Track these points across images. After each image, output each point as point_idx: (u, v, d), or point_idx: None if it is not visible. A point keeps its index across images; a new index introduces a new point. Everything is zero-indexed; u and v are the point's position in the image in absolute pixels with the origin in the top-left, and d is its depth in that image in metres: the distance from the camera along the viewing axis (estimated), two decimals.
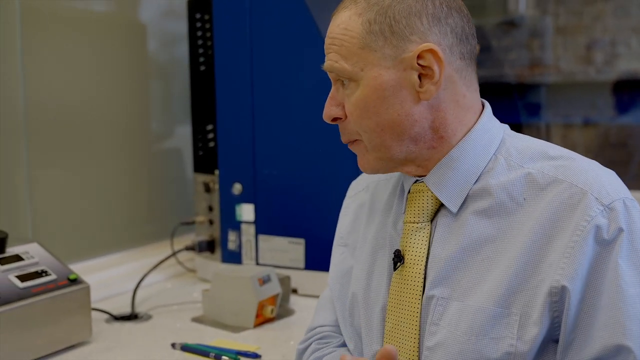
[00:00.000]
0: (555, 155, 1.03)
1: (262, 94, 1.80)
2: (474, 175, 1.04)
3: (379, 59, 1.01)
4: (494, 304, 0.97)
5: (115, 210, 2.05)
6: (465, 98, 1.04)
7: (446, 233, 1.05)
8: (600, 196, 0.96)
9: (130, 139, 2.11)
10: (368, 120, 1.03)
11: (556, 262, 0.95)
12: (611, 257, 0.94)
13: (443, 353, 1.00)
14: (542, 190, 1.00)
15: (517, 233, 0.99)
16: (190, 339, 1.49)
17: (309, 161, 1.75)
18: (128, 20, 2.15)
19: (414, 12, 1.00)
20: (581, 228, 0.95)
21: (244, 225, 1.85)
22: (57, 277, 1.43)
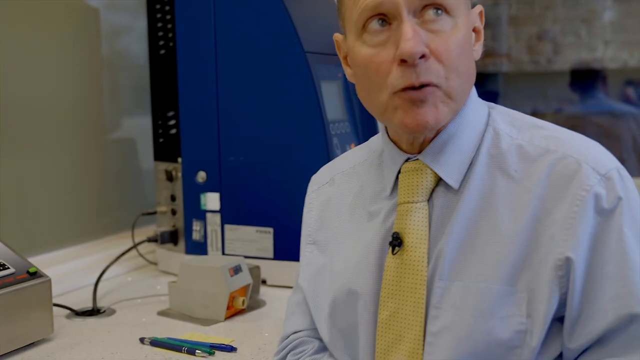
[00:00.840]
0: (543, 125, 1.00)
1: (227, 77, 1.73)
2: (473, 149, 1.00)
3: (466, 5, 0.97)
4: (500, 283, 0.94)
5: (74, 201, 1.97)
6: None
7: (446, 211, 1.00)
8: (596, 166, 0.94)
9: (86, 129, 2.03)
10: (466, 62, 0.96)
11: (558, 234, 0.92)
12: (613, 225, 0.92)
13: (450, 337, 0.95)
14: (534, 161, 0.97)
15: (514, 207, 0.96)
16: (158, 333, 1.42)
17: (276, 147, 1.70)
18: (79, 7, 2.05)
19: None
20: (580, 198, 0.92)
21: (209, 215, 1.78)
22: (15, 271, 1.35)
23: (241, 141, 1.73)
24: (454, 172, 1.00)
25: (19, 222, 1.80)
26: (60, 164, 1.93)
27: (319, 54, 1.71)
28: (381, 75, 0.95)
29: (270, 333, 1.43)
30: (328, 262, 1.11)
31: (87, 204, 2.03)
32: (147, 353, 1.33)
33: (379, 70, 0.95)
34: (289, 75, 1.67)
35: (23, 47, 1.82)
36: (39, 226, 1.86)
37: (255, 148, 1.72)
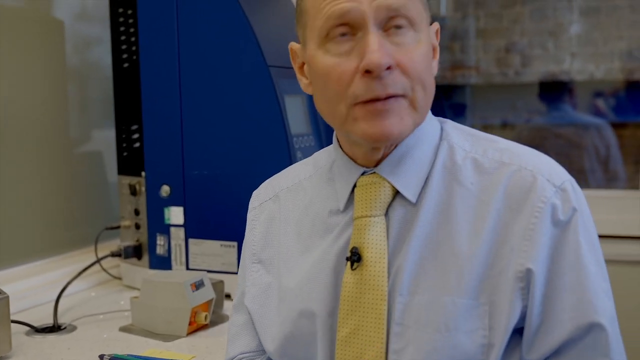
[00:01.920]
0: (495, 139, 1.02)
1: (190, 91, 1.72)
2: (429, 162, 1.00)
3: (427, 20, 0.99)
4: (464, 296, 0.93)
5: (34, 216, 1.93)
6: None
7: (404, 226, 0.99)
8: (551, 178, 0.95)
9: (47, 143, 2.00)
10: (429, 76, 0.97)
11: (517, 246, 0.93)
12: (570, 236, 0.93)
13: (414, 353, 0.94)
14: (490, 174, 0.97)
15: (472, 220, 0.96)
16: (119, 349, 1.40)
17: (240, 161, 1.69)
18: (44, 18, 2.03)
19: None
20: (538, 209, 0.93)
21: (173, 229, 1.77)
22: None
23: (205, 155, 1.72)
24: (412, 186, 0.99)
25: None
26: (23, 177, 1.90)
27: (283, 67, 1.71)
28: (342, 85, 0.94)
29: None
30: (275, 281, 1.09)
31: (51, 218, 2.00)
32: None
33: (340, 80, 0.94)
34: (252, 89, 1.66)
35: None
36: (2, 242, 1.83)
37: (220, 162, 1.71)
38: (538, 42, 4.04)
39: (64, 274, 1.81)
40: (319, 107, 1.01)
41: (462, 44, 3.97)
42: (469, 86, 3.97)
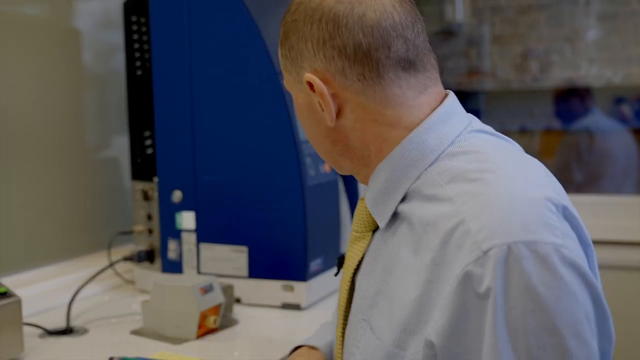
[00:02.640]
0: (474, 177, 0.88)
1: (202, 98, 1.74)
2: (399, 191, 0.96)
3: (292, 80, 1.02)
4: (392, 344, 0.91)
5: (50, 221, 1.97)
6: (384, 116, 0.95)
7: (376, 248, 1.00)
8: (481, 239, 0.81)
9: (64, 149, 2.03)
10: (306, 135, 1.05)
11: (431, 311, 0.85)
12: (483, 312, 0.80)
13: None
14: (436, 223, 0.88)
15: (417, 266, 0.89)
16: (129, 352, 1.42)
17: (250, 167, 1.71)
18: (63, 27, 2.07)
19: (302, 37, 0.97)
20: (454, 276, 0.82)
21: (185, 234, 1.79)
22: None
23: (216, 161, 1.74)
24: (380, 213, 0.99)
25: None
26: (39, 182, 1.93)
27: None
28: None
29: (241, 352, 1.44)
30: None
31: (67, 223, 2.03)
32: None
33: None
34: (261, 96, 1.68)
35: (3, 67, 1.83)
36: (17, 246, 1.86)
37: (230, 167, 1.73)
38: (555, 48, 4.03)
39: (78, 278, 1.82)
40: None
41: (478, 50, 3.97)
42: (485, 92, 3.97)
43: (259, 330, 1.56)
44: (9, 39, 1.86)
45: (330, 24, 0.94)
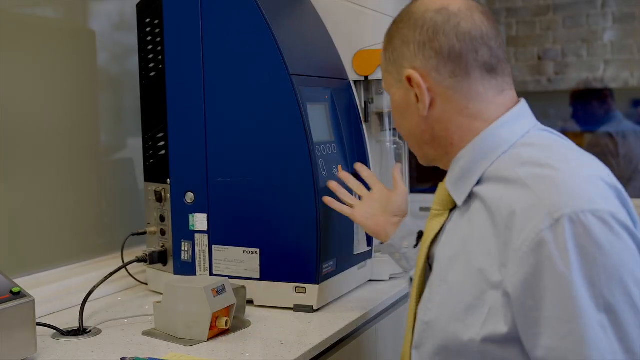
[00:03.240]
0: (544, 163, 1.07)
1: (215, 100, 1.75)
2: (475, 174, 1.15)
3: (393, 80, 1.24)
4: (472, 296, 1.09)
5: (64, 222, 1.97)
6: (468, 109, 1.16)
7: (455, 223, 1.20)
8: (552, 210, 1.00)
9: (78, 150, 2.04)
10: (399, 130, 1.31)
11: (509, 267, 1.03)
12: (552, 271, 0.98)
13: (433, 329, 1.16)
14: (510, 195, 1.07)
15: (492, 234, 1.08)
16: (141, 353, 1.43)
17: (262, 169, 1.71)
18: (78, 29, 2.08)
19: (405, 41, 1.19)
20: (529, 240, 1.00)
21: (197, 235, 1.79)
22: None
23: (229, 163, 1.74)
24: (458, 192, 1.19)
25: (12, 243, 1.81)
26: (53, 184, 1.94)
27: (305, 76, 1.72)
28: None
29: (252, 354, 1.44)
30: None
31: (81, 224, 2.04)
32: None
33: None
34: (274, 97, 1.68)
35: (19, 69, 1.84)
36: (31, 246, 1.87)
37: (243, 169, 1.73)
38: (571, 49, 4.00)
39: (91, 279, 1.83)
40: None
41: None
42: None
43: (270, 332, 1.56)
44: (24, 40, 1.87)
45: (430, 30, 1.16)
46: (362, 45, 1.93)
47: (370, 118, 1.98)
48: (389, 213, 1.61)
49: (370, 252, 1.94)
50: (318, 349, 1.49)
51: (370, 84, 1.97)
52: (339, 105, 1.85)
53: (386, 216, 1.61)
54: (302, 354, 1.43)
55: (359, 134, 1.91)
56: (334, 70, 1.90)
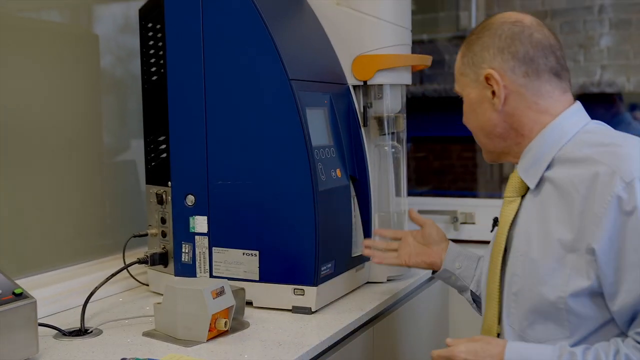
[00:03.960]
0: (607, 143, 1.31)
1: (215, 104, 1.75)
2: (545, 161, 1.36)
3: (468, 81, 1.44)
4: (553, 261, 1.29)
5: (66, 223, 1.97)
6: (537, 105, 1.37)
7: (529, 206, 1.39)
8: (624, 175, 1.21)
9: (82, 152, 2.04)
10: (470, 126, 1.48)
11: (590, 229, 1.23)
12: (630, 224, 1.20)
13: (521, 297, 1.36)
14: (580, 166, 1.29)
15: (568, 206, 1.29)
16: (141, 354, 1.43)
17: (262, 172, 1.71)
18: (82, 33, 2.08)
19: (485, 47, 1.39)
20: (607, 201, 1.22)
21: (198, 237, 1.79)
22: (1, 292, 1.35)
23: (228, 166, 1.74)
24: (530, 177, 1.38)
25: (14, 244, 1.81)
26: (56, 185, 1.94)
27: (305, 81, 1.73)
28: None
29: (250, 355, 1.44)
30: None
31: (83, 226, 2.04)
32: None
33: None
34: (274, 101, 1.68)
35: (25, 72, 1.84)
36: (34, 248, 1.88)
37: (242, 173, 1.73)
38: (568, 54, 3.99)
39: (93, 280, 1.83)
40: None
41: None
42: None
43: (269, 333, 1.56)
44: (30, 44, 1.87)
45: (508, 38, 1.37)
46: (361, 51, 1.94)
47: (369, 122, 1.98)
48: (432, 243, 1.75)
49: None
50: (316, 350, 1.49)
51: (369, 89, 1.97)
52: (337, 109, 1.85)
53: (432, 247, 1.75)
54: (300, 355, 1.43)
55: (358, 138, 1.91)
56: (333, 75, 1.90)
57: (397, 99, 2.02)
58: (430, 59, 2.05)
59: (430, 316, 2.25)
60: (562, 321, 1.29)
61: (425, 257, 1.74)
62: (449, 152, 3.94)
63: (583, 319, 1.28)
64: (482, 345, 1.32)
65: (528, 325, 1.35)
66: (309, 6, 1.96)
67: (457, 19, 3.97)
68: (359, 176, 1.90)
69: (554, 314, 1.30)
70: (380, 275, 1.99)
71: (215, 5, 1.73)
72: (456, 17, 3.97)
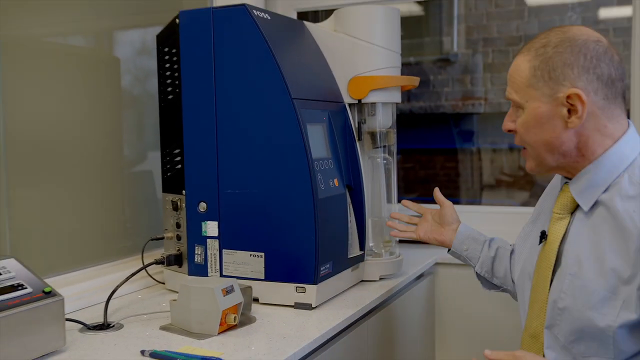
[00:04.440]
0: None
1: (225, 120, 1.75)
2: (603, 186, 1.25)
3: (539, 95, 1.25)
4: (606, 290, 1.20)
5: (91, 228, 1.97)
6: (606, 128, 1.25)
7: (579, 225, 1.28)
8: None
9: (105, 163, 2.04)
10: (529, 138, 1.29)
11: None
12: None
13: (568, 315, 1.25)
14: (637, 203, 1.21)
15: (622, 240, 1.20)
16: (158, 346, 1.42)
17: (267, 181, 1.70)
18: (105, 56, 2.08)
19: (568, 64, 1.22)
20: None
21: (209, 240, 1.78)
22: (32, 290, 1.35)
23: (237, 176, 1.74)
24: (586, 199, 1.27)
25: (41, 246, 1.81)
26: (80, 194, 1.93)
27: (306, 99, 1.73)
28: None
29: (257, 347, 1.43)
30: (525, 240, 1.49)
31: (106, 230, 2.03)
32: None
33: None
34: (278, 118, 1.68)
35: (54, 92, 1.84)
36: (62, 249, 1.87)
37: (250, 182, 1.72)
38: None
39: (115, 279, 1.83)
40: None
41: (472, 77, 3.96)
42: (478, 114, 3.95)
43: (274, 327, 1.56)
44: (60, 66, 1.87)
45: (594, 58, 1.22)
46: (356, 72, 1.94)
47: (363, 137, 1.98)
48: (446, 224, 1.73)
49: (363, 256, 1.94)
50: (316, 343, 1.49)
51: (363, 107, 1.97)
52: (335, 125, 1.85)
53: (445, 226, 1.73)
54: (302, 347, 1.42)
55: (353, 151, 1.91)
56: (331, 95, 1.90)
57: (388, 115, 2.02)
58: (418, 80, 2.05)
59: (418, 311, 2.24)
60: (607, 345, 1.21)
61: (437, 235, 1.73)
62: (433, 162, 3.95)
63: (625, 346, 1.20)
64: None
65: (574, 341, 1.25)
66: (309, 32, 1.96)
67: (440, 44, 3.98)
68: (354, 185, 1.90)
69: (600, 338, 1.21)
70: (373, 274, 1.98)
71: (225, 32, 1.73)
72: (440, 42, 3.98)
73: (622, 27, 3.63)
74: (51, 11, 1.86)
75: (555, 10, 3.83)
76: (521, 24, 3.90)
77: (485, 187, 3.62)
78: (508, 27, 3.90)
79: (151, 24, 2.20)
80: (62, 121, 1.88)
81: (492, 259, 1.66)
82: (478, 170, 3.68)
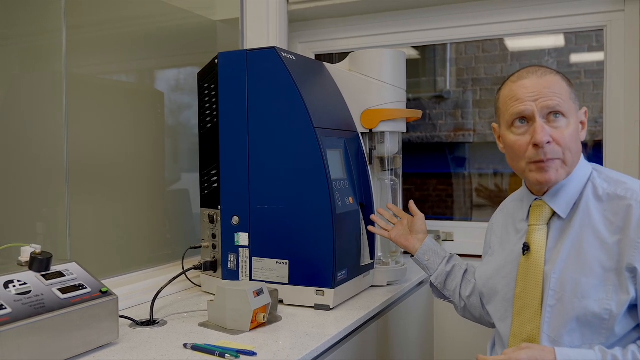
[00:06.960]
0: (625, 181, 1.26)
1: (256, 145, 1.75)
2: (577, 194, 1.28)
3: (574, 110, 1.27)
4: (594, 279, 1.20)
5: (138, 238, 1.97)
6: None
7: (557, 232, 1.28)
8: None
9: (151, 182, 2.05)
10: (575, 146, 1.26)
11: (629, 250, 1.18)
12: None
13: (561, 308, 1.23)
14: (617, 204, 1.23)
15: (602, 233, 1.22)
16: (198, 340, 1.41)
17: (292, 198, 1.70)
18: (150, 91, 2.10)
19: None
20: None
21: (241, 249, 1.78)
22: (91, 290, 1.35)
23: (266, 193, 1.74)
24: (563, 208, 1.28)
25: (97, 253, 1.82)
26: (131, 208, 1.94)
27: (326, 128, 1.73)
28: (521, 152, 1.26)
29: (284, 342, 1.42)
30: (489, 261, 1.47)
31: (151, 240, 2.03)
32: (188, 356, 1.32)
33: (520, 149, 1.26)
34: (302, 144, 1.69)
35: (107, 122, 1.86)
36: (115, 256, 1.87)
37: (277, 199, 1.72)
38: None
39: (159, 282, 1.83)
40: (509, 162, 1.33)
41: (463, 112, 3.96)
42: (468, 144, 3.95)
43: (298, 325, 1.55)
44: (114, 100, 1.89)
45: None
46: (368, 106, 1.94)
47: (374, 161, 1.98)
48: (414, 232, 1.72)
49: (373, 264, 1.93)
50: (335, 339, 1.48)
51: (374, 135, 1.97)
52: (350, 151, 1.85)
53: (413, 234, 1.72)
54: (323, 342, 1.41)
55: (365, 173, 1.91)
56: (347, 125, 1.91)
57: (395, 143, 2.02)
58: (421, 112, 2.06)
59: (420, 312, 2.22)
60: (600, 329, 1.19)
61: (404, 240, 1.72)
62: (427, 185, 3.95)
63: (619, 327, 1.18)
64: (539, 352, 1.17)
65: (566, 332, 1.22)
66: (328, 71, 1.97)
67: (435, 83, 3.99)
68: (365, 202, 1.90)
69: (594, 323, 1.19)
70: (382, 280, 1.97)
71: (257, 70, 1.74)
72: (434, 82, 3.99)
73: (592, 70, 3.63)
74: (106, 53, 1.88)
75: (534, 55, 3.83)
76: (505, 66, 3.91)
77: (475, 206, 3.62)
78: (493, 69, 3.91)
79: (183, 65, 2.23)
80: (115, 146, 1.89)
81: (447, 274, 1.65)
82: (469, 192, 3.68)
